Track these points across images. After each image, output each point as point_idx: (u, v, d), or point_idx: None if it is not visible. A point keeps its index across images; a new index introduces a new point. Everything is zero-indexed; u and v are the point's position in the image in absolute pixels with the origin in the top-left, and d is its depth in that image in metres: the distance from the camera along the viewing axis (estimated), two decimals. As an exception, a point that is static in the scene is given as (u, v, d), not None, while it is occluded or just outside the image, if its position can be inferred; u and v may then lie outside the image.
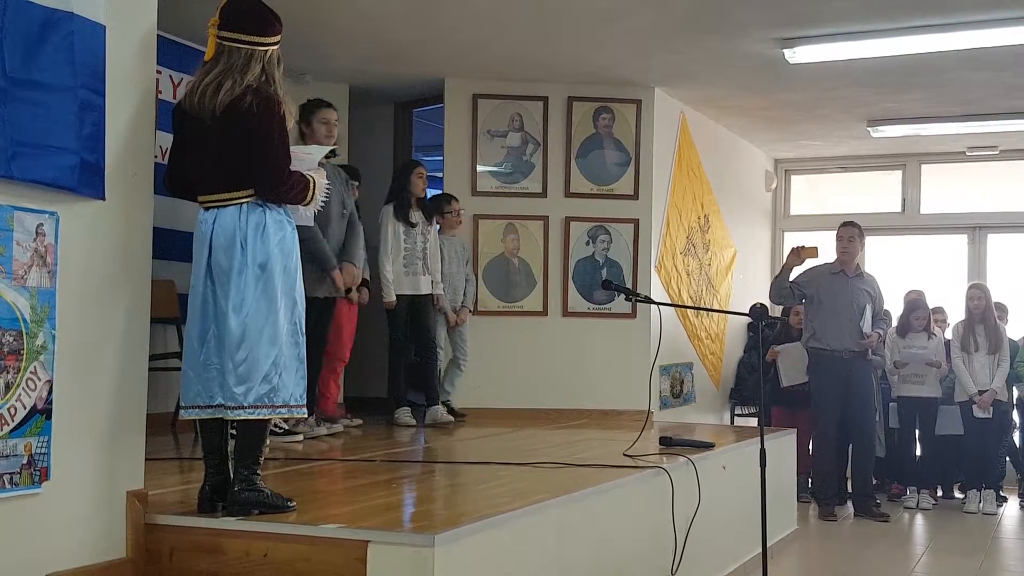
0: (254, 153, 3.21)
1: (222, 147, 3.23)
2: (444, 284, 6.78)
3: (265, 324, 3.21)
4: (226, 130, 3.20)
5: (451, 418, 6.52)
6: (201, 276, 3.25)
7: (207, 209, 3.28)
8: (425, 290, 6.56)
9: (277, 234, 3.25)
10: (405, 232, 6.48)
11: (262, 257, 3.21)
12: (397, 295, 6.42)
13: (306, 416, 3.69)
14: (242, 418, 3.21)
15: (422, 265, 6.53)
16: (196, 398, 3.26)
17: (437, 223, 6.84)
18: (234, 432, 3.34)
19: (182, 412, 3.34)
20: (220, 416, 3.26)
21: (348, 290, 6.11)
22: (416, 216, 6.55)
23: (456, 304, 6.91)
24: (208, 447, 3.35)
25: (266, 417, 3.26)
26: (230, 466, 3.35)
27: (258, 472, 3.30)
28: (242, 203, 3.23)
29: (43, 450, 2.89)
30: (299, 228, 3.41)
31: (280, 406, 3.26)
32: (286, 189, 3.28)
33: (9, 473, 2.79)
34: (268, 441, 3.41)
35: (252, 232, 3.20)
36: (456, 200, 7.04)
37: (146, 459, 3.35)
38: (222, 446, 3.34)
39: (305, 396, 3.37)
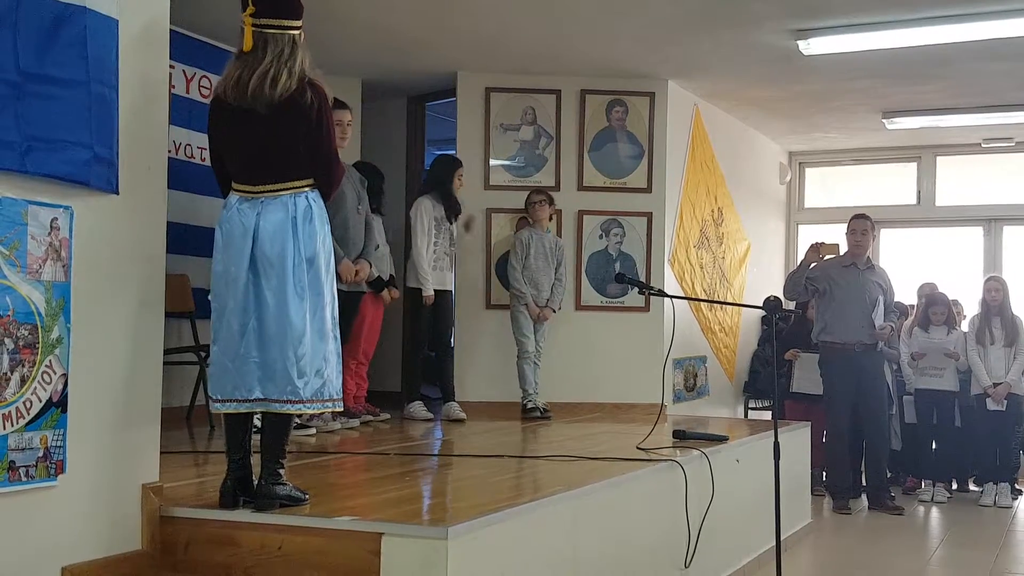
0: (317, 147, 3.25)
1: (276, 139, 3.22)
2: (527, 279, 6.79)
3: (314, 318, 3.23)
4: (282, 122, 3.21)
5: (463, 415, 6.52)
6: (244, 267, 3.20)
7: (249, 199, 3.24)
8: (450, 286, 6.64)
9: (322, 228, 3.27)
10: (436, 227, 6.53)
11: (310, 251, 3.22)
12: (419, 288, 6.50)
13: (343, 409, 3.69)
14: (301, 412, 3.22)
15: (449, 261, 6.62)
16: (234, 391, 3.22)
17: (527, 217, 6.94)
18: (256, 426, 3.34)
19: (217, 405, 3.25)
20: (265, 410, 3.23)
21: (380, 287, 6.16)
22: (447, 212, 6.62)
23: (540, 301, 6.85)
24: (233, 442, 3.32)
25: (319, 411, 3.27)
26: (250, 461, 3.35)
27: (284, 466, 3.31)
28: (292, 194, 3.23)
29: (59, 443, 2.90)
30: None
31: (328, 400, 3.28)
32: (341, 178, 3.38)
33: (25, 466, 2.81)
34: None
35: (303, 224, 3.21)
36: (538, 192, 7.00)
37: (161, 452, 3.37)
38: (245, 441, 3.32)
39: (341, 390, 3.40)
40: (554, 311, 6.94)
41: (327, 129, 3.28)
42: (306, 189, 3.26)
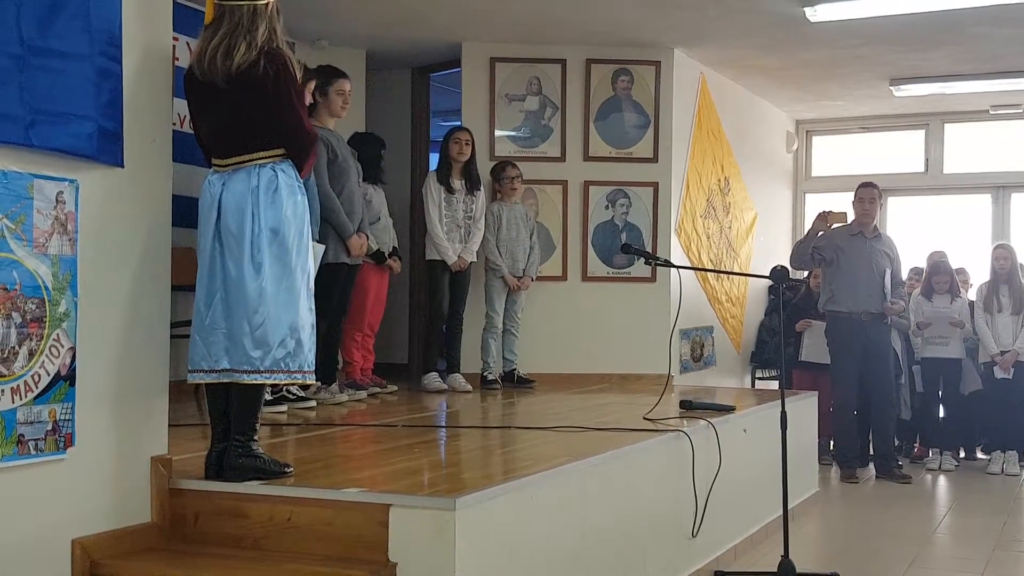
0: (278, 118, 3.23)
1: (235, 111, 3.23)
2: (502, 250, 6.80)
3: (279, 288, 3.21)
4: (240, 94, 3.21)
5: (469, 387, 6.56)
6: (209, 239, 3.23)
7: (218, 172, 3.28)
8: (464, 257, 6.64)
9: (290, 198, 3.25)
10: (446, 199, 6.53)
11: (275, 221, 3.21)
12: (437, 260, 6.56)
13: (315, 382, 3.68)
14: (258, 383, 3.21)
15: (463, 232, 6.61)
16: (201, 362, 3.24)
17: (497, 190, 6.95)
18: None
19: (188, 376, 3.29)
20: (230, 381, 3.23)
21: (382, 259, 6.16)
22: (457, 183, 6.60)
23: (516, 271, 6.87)
24: (214, 413, 3.35)
25: (282, 382, 3.26)
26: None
27: (255, 438, 3.31)
28: (254, 165, 3.23)
29: (67, 416, 2.91)
30: (319, 195, 3.41)
31: (296, 371, 3.26)
32: (311, 146, 3.32)
33: (34, 439, 2.82)
34: (263, 407, 3.42)
35: (264, 195, 3.20)
36: (513, 166, 7.01)
37: (169, 425, 3.38)
38: (227, 412, 3.32)
39: (315, 363, 3.38)
40: (532, 279, 6.98)
41: (287, 98, 3.24)
42: (273, 160, 3.25)
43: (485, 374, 6.78)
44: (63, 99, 2.86)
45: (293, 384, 3.42)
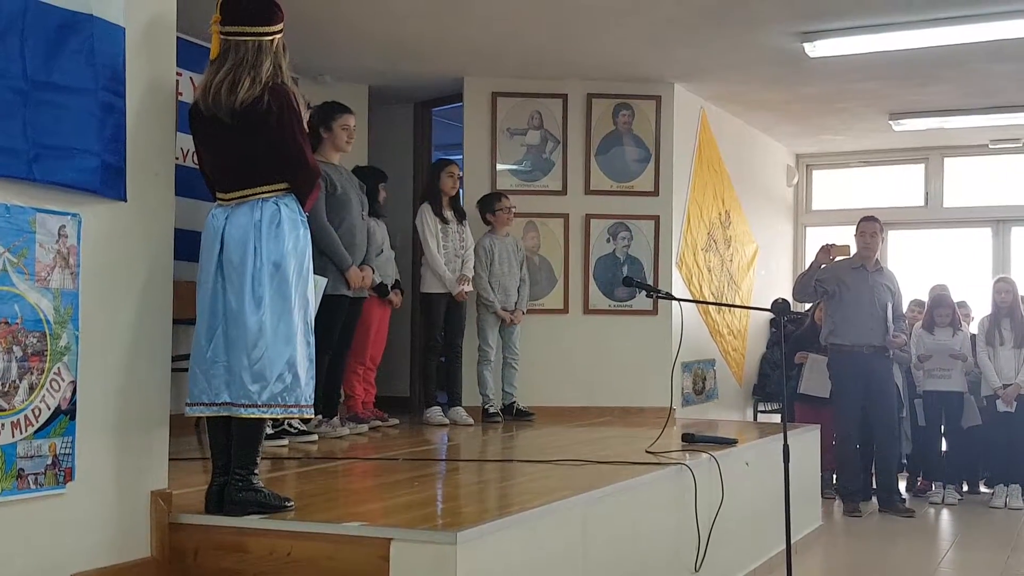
0: (280, 152, 3.25)
1: (239, 146, 3.25)
2: (494, 284, 6.80)
3: (279, 323, 3.22)
4: (244, 129, 3.23)
5: (470, 420, 6.54)
6: (211, 273, 3.24)
7: (222, 206, 3.30)
8: (466, 274, 6.64)
9: (292, 232, 3.26)
10: (442, 229, 6.56)
11: (276, 255, 3.21)
12: (433, 293, 6.52)
13: (313, 416, 3.66)
14: (255, 416, 3.21)
15: (460, 263, 6.62)
16: (201, 395, 3.24)
17: (489, 222, 6.94)
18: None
19: (186, 409, 3.29)
20: (228, 414, 3.23)
21: (385, 291, 6.16)
22: (448, 214, 6.62)
23: (508, 305, 6.87)
24: (215, 446, 3.34)
25: (279, 416, 3.26)
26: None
27: (255, 472, 3.30)
28: (257, 199, 3.24)
29: (67, 450, 2.91)
30: (315, 228, 3.42)
31: (292, 405, 3.26)
32: (315, 180, 3.34)
33: (34, 473, 2.81)
34: (264, 442, 3.41)
35: (267, 229, 3.21)
36: (506, 197, 7.03)
37: (170, 459, 3.37)
38: (228, 446, 3.31)
39: (313, 397, 3.38)
40: (523, 313, 6.96)
41: (291, 133, 3.26)
42: (276, 194, 3.26)
43: (486, 407, 6.77)
44: (66, 134, 2.87)
45: (291, 418, 3.40)
